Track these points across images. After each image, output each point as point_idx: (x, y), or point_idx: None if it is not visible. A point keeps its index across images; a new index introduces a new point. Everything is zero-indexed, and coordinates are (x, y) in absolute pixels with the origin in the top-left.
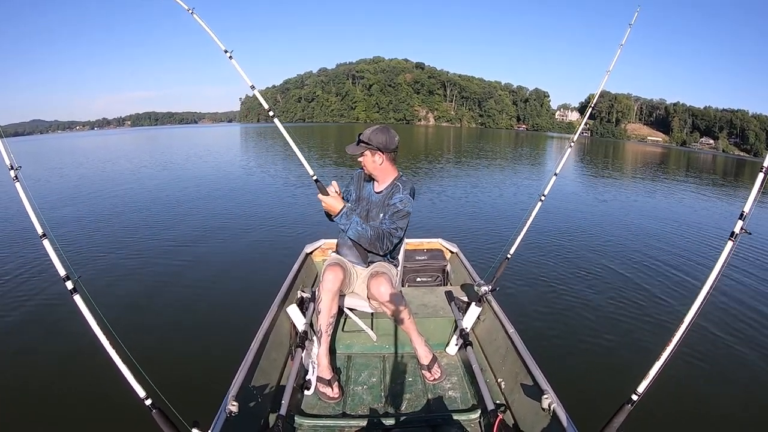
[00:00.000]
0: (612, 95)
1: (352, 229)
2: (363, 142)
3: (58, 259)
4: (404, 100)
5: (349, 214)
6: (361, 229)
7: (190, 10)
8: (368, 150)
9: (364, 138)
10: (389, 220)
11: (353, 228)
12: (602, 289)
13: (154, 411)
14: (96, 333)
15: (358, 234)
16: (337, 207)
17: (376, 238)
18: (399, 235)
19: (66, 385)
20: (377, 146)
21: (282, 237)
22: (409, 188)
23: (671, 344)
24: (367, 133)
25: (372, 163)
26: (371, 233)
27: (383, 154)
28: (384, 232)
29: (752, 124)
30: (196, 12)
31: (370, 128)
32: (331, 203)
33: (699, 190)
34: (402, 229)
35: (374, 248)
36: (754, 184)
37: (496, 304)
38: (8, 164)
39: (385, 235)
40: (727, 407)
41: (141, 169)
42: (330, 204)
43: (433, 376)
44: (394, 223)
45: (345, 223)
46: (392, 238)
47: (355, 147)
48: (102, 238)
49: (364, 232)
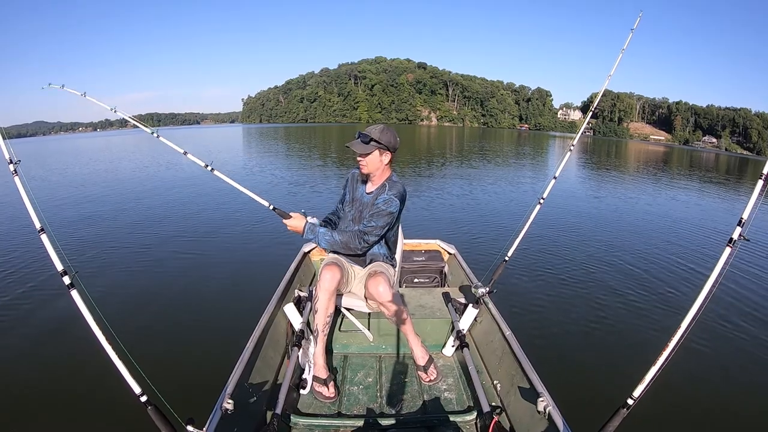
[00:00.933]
0: (614, 94)
1: (322, 240)
2: (374, 140)
3: (56, 255)
4: (406, 100)
5: (312, 229)
6: (330, 238)
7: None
8: (378, 149)
9: (375, 136)
10: (367, 218)
11: (322, 239)
12: (599, 293)
13: (150, 408)
14: (93, 329)
15: (328, 243)
16: (299, 226)
17: (348, 241)
18: (376, 233)
19: (61, 380)
20: (387, 145)
21: (280, 235)
22: (396, 190)
23: (668, 349)
24: (377, 132)
25: (378, 162)
26: (340, 239)
27: (391, 154)
28: (356, 233)
29: (755, 122)
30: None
31: (374, 128)
32: (293, 224)
33: (701, 190)
34: (380, 227)
35: (349, 251)
36: (754, 189)
37: (493, 306)
38: (7, 158)
39: (357, 235)
40: (722, 414)
41: (141, 168)
42: (292, 225)
43: (429, 377)
44: (371, 221)
45: (313, 237)
46: (366, 236)
47: (363, 146)
48: (101, 235)
49: (332, 239)
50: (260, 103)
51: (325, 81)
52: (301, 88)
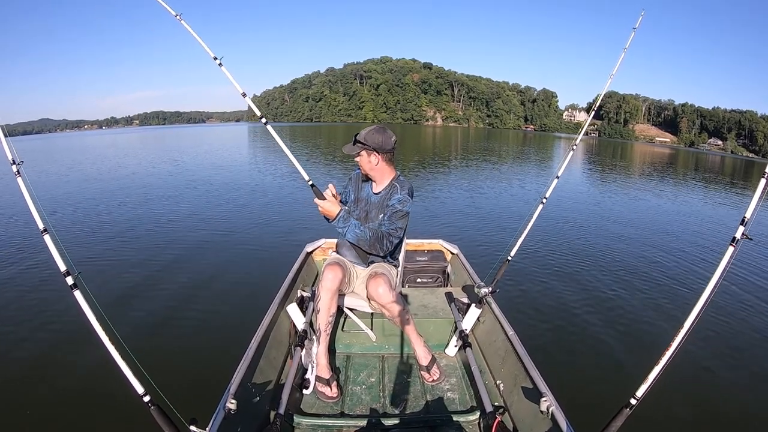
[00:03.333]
0: (620, 96)
1: (350, 232)
2: (359, 142)
3: (59, 255)
4: (412, 100)
5: (346, 218)
6: (359, 232)
7: (177, 15)
8: (364, 150)
9: (360, 138)
10: (388, 221)
11: (351, 231)
12: (602, 293)
13: (153, 408)
14: (96, 329)
15: (356, 237)
16: (334, 211)
17: (375, 240)
18: (398, 235)
19: (65, 380)
20: (373, 146)
21: (283, 236)
22: (407, 188)
23: (671, 349)
24: (363, 133)
25: (368, 163)
26: (369, 235)
27: (379, 155)
28: (383, 234)
29: (761, 125)
30: (183, 18)
31: (366, 128)
32: (328, 207)
33: (705, 192)
34: (401, 229)
35: (374, 250)
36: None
37: (496, 306)
38: (10, 159)
39: (384, 236)
40: (725, 413)
41: (146, 167)
42: (327, 208)
43: (432, 377)
44: (393, 223)
45: (343, 227)
46: (391, 238)
47: (351, 147)
48: (104, 235)
49: (362, 234)
50: (266, 102)
51: (330, 80)
52: (307, 87)
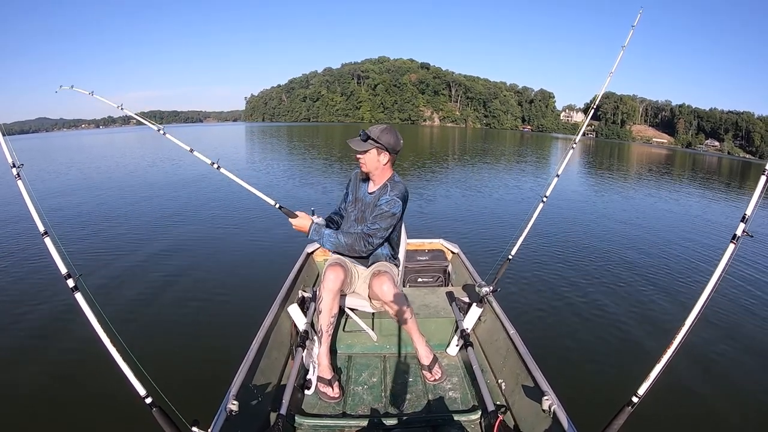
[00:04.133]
0: (617, 96)
1: (326, 242)
2: (371, 139)
3: (60, 257)
4: (409, 100)
5: (317, 230)
6: (335, 240)
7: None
8: (375, 148)
9: (373, 135)
10: (371, 221)
11: (327, 240)
12: (603, 291)
13: (155, 409)
14: (97, 331)
15: (333, 245)
16: (305, 226)
17: (353, 243)
18: (381, 236)
19: (66, 383)
20: (385, 146)
21: (283, 236)
22: (398, 190)
23: (672, 346)
24: (376, 132)
25: (375, 161)
26: (345, 241)
27: (389, 155)
28: (360, 235)
29: (758, 126)
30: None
31: (377, 127)
32: (299, 223)
33: (703, 192)
34: (384, 229)
35: (354, 253)
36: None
37: (497, 305)
38: (10, 162)
39: (362, 238)
40: (727, 410)
41: (145, 167)
42: (298, 224)
43: (433, 377)
44: (375, 223)
45: (318, 239)
46: (371, 239)
47: (361, 143)
48: (104, 237)
49: (337, 241)
50: (263, 102)
51: (328, 80)
52: (304, 87)
